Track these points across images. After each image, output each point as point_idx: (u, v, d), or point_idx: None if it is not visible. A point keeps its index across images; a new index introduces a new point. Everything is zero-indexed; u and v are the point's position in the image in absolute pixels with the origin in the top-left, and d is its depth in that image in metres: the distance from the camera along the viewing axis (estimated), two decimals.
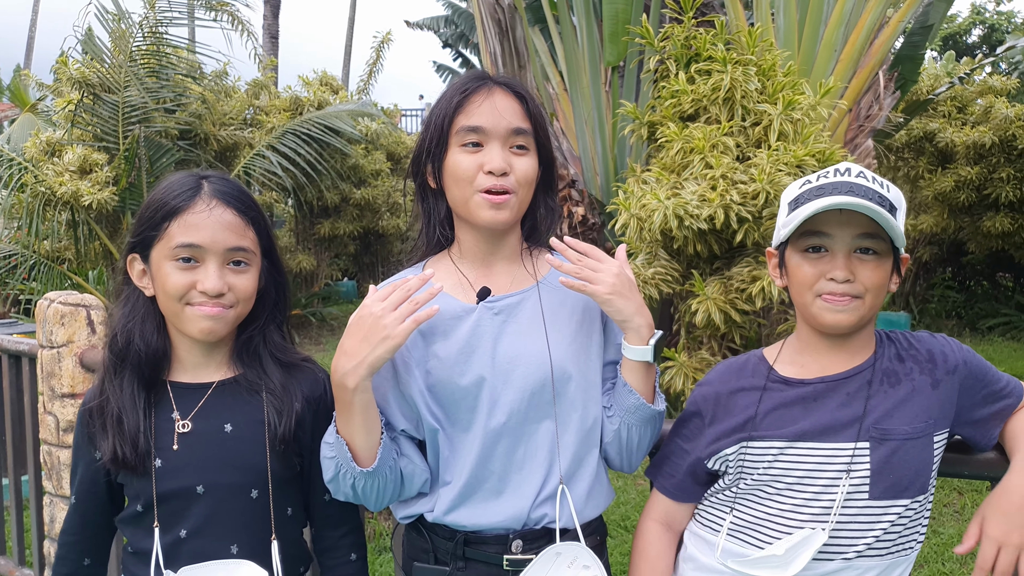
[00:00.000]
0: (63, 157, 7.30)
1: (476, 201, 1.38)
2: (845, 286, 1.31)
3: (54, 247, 7.79)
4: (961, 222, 9.92)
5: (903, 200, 1.37)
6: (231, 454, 1.43)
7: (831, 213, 1.31)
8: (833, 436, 1.35)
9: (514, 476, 1.41)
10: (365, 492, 1.39)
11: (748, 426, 1.40)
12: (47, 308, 2.87)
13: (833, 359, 1.41)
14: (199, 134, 8.71)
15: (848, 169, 1.36)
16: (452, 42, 15.01)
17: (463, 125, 1.37)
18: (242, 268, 1.42)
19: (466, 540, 1.42)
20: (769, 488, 1.38)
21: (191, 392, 1.46)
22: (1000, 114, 9.31)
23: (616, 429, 1.44)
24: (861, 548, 1.33)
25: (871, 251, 1.32)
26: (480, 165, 1.37)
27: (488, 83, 1.41)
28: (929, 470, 1.35)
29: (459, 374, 1.40)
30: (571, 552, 1.38)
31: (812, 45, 5.73)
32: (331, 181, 10.07)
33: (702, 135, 3.97)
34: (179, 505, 1.41)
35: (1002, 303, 10.49)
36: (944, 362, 1.38)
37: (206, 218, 1.38)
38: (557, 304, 1.47)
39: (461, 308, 1.44)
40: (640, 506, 4.56)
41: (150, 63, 7.71)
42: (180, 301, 1.39)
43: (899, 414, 1.35)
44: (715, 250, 4.16)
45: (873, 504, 1.33)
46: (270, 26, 17.11)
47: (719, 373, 1.52)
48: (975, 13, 23.12)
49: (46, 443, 2.98)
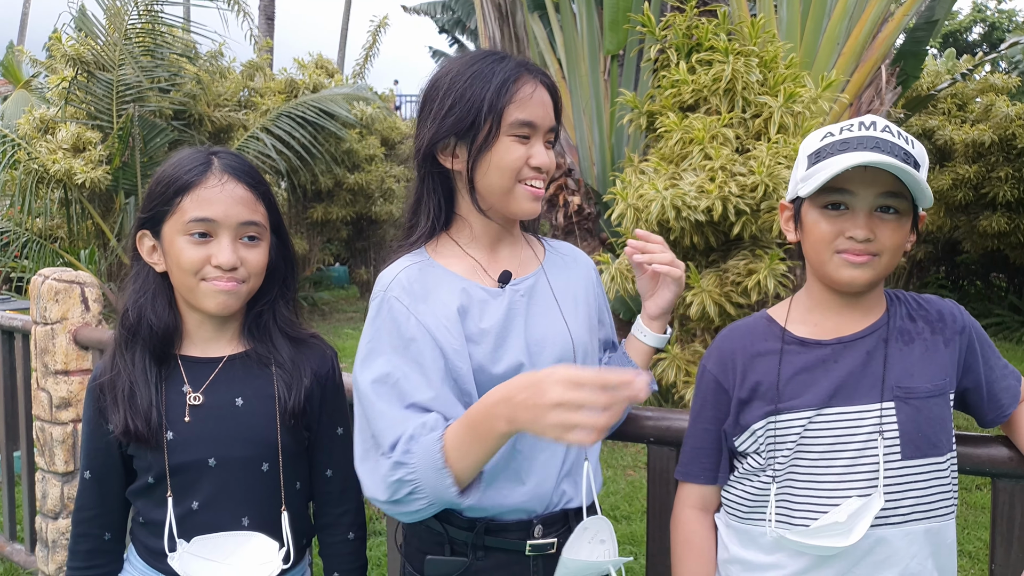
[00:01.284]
0: (56, 135, 7.24)
1: (519, 192, 1.38)
2: (865, 244, 1.28)
3: (47, 225, 7.74)
4: (957, 221, 9.92)
5: (926, 156, 1.33)
6: (242, 427, 1.44)
7: (855, 170, 1.26)
8: (858, 398, 1.32)
9: (540, 455, 1.39)
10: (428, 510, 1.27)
11: (772, 396, 1.37)
12: (41, 284, 2.84)
13: (847, 318, 1.38)
14: (193, 114, 8.65)
15: (874, 123, 1.31)
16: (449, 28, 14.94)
17: (517, 118, 1.36)
18: (254, 243, 1.43)
19: (487, 529, 1.39)
20: (804, 461, 1.35)
21: (202, 366, 1.47)
22: (1000, 112, 9.29)
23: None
24: (905, 511, 1.31)
25: (892, 210, 1.28)
26: (527, 158, 1.38)
27: (533, 75, 1.41)
28: (950, 426, 1.34)
29: (496, 359, 1.37)
30: (595, 526, 1.39)
31: (815, 38, 5.72)
32: (325, 165, 10.02)
33: (702, 126, 3.96)
34: (191, 477, 1.42)
35: (995, 303, 10.51)
36: (953, 322, 1.37)
37: (219, 192, 1.39)
38: (563, 285, 1.50)
39: (487, 292, 1.41)
40: (629, 496, 4.57)
41: (145, 42, 7.66)
42: (195, 276, 1.39)
43: (918, 372, 1.33)
44: (712, 242, 4.16)
45: (907, 464, 1.30)
46: (266, 7, 16.99)
47: (730, 338, 1.47)
48: (976, 11, 23.13)
49: (39, 419, 2.96)
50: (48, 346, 2.85)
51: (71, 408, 2.89)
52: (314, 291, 12.02)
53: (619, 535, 4.11)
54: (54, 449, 2.91)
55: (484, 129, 1.37)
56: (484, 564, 1.39)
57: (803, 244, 1.38)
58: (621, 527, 4.22)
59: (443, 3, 14.99)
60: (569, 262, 1.55)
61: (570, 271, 1.53)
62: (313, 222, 11.50)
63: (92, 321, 2.89)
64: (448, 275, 1.41)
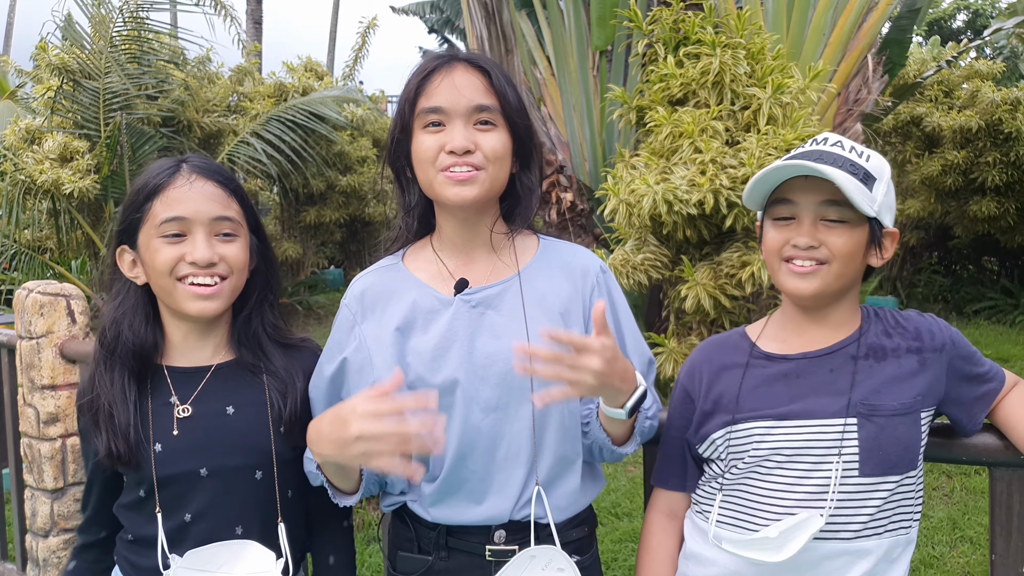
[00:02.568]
0: (43, 145, 7.19)
1: (440, 180, 1.33)
2: (809, 251, 1.32)
3: (35, 236, 7.69)
4: (948, 206, 9.95)
5: (886, 170, 1.35)
6: (234, 436, 1.43)
7: (797, 180, 1.32)
8: (819, 413, 1.34)
9: (496, 476, 1.38)
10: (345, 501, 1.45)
11: (731, 407, 1.39)
12: (26, 298, 2.81)
13: (815, 334, 1.40)
14: (182, 121, 8.60)
15: (826, 139, 1.37)
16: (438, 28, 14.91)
17: (423, 107, 1.33)
18: (230, 239, 1.42)
19: (449, 531, 1.40)
20: (759, 469, 1.37)
21: (189, 376, 1.46)
22: (986, 98, 9.31)
23: (589, 444, 1.44)
24: (856, 528, 1.32)
25: (837, 219, 1.31)
26: (442, 145, 1.32)
27: (448, 61, 1.36)
28: (918, 447, 1.34)
29: (433, 372, 1.36)
30: (546, 555, 1.36)
31: (801, 28, 5.70)
32: (316, 168, 9.97)
33: (691, 119, 3.94)
34: (182, 489, 1.41)
35: (988, 287, 10.54)
36: (931, 340, 1.37)
37: (188, 191, 1.38)
38: (541, 294, 1.42)
39: (438, 301, 1.40)
40: (630, 493, 4.56)
41: (131, 49, 7.61)
42: (171, 276, 1.38)
43: (886, 390, 1.33)
44: (704, 235, 4.14)
45: (864, 481, 1.31)
46: (253, 11, 16.92)
47: (701, 351, 1.52)
48: None
49: (26, 436, 2.93)
50: (34, 361, 2.82)
51: (59, 423, 2.86)
52: (309, 295, 11.99)
53: (621, 533, 4.09)
54: (43, 466, 2.87)
55: (400, 127, 1.37)
56: (447, 564, 1.40)
57: (764, 257, 1.42)
58: (623, 524, 4.20)
59: (432, 3, 14.96)
60: (560, 270, 1.46)
61: (554, 276, 1.44)
62: (306, 226, 11.45)
63: (79, 334, 2.85)
64: (409, 282, 1.42)
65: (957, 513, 4.30)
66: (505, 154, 1.36)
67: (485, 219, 1.42)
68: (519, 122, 1.38)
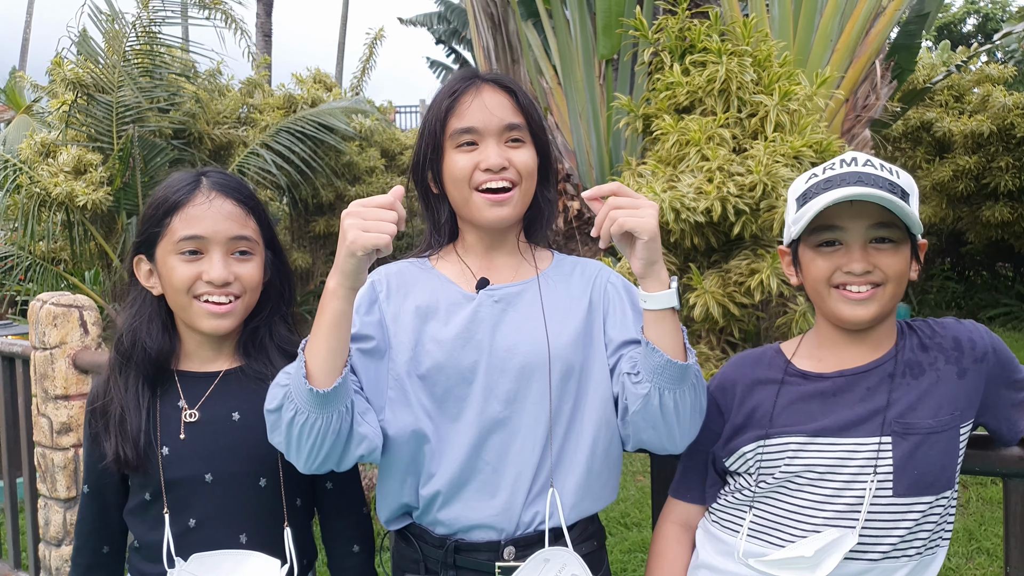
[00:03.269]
0: (57, 158, 7.26)
1: (476, 202, 1.39)
2: (865, 276, 1.29)
3: (50, 248, 7.76)
4: (960, 212, 9.91)
5: (914, 185, 1.33)
6: (239, 442, 1.45)
7: (842, 206, 1.27)
8: (854, 432, 1.31)
9: (510, 469, 1.38)
10: (302, 434, 1.26)
11: (765, 422, 1.38)
12: (39, 309, 2.84)
13: (853, 353, 1.37)
14: (193, 133, 8.67)
15: (855, 159, 1.33)
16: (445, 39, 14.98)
17: (455, 127, 1.38)
18: (246, 257, 1.44)
19: (457, 548, 1.39)
20: (790, 484, 1.35)
21: (198, 381, 1.48)
22: (998, 102, 9.28)
23: (647, 394, 1.29)
24: (886, 548, 1.30)
25: (887, 240, 1.29)
26: (476, 164, 1.37)
27: (475, 82, 1.40)
28: (955, 464, 1.31)
29: (453, 360, 1.39)
30: (560, 558, 1.35)
31: (808, 35, 5.71)
32: (326, 178, 10.03)
33: (698, 127, 3.95)
34: (187, 493, 1.42)
35: (1002, 293, 10.47)
36: (972, 350, 1.34)
37: (207, 209, 1.40)
38: (559, 297, 1.46)
39: (462, 296, 1.44)
40: (640, 503, 4.55)
41: (144, 63, 7.68)
42: (188, 294, 1.41)
43: (923, 407, 1.31)
44: (712, 243, 4.14)
45: (897, 502, 1.29)
46: (263, 24, 17.04)
47: (735, 365, 1.49)
48: (969, 2, 23.10)
49: (40, 445, 2.96)
50: (48, 371, 2.85)
51: (72, 433, 2.89)
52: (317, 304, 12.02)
53: (630, 543, 4.08)
54: (56, 475, 2.90)
55: (431, 147, 1.40)
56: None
57: (805, 286, 1.38)
58: (632, 534, 4.19)
59: (439, 14, 15.03)
60: (574, 274, 1.51)
61: (571, 283, 1.49)
62: (316, 235, 11.49)
63: (91, 344, 2.88)
64: (435, 276, 1.47)
65: (973, 524, 4.27)
66: (535, 169, 1.43)
67: (510, 231, 1.48)
68: (543, 138, 1.45)
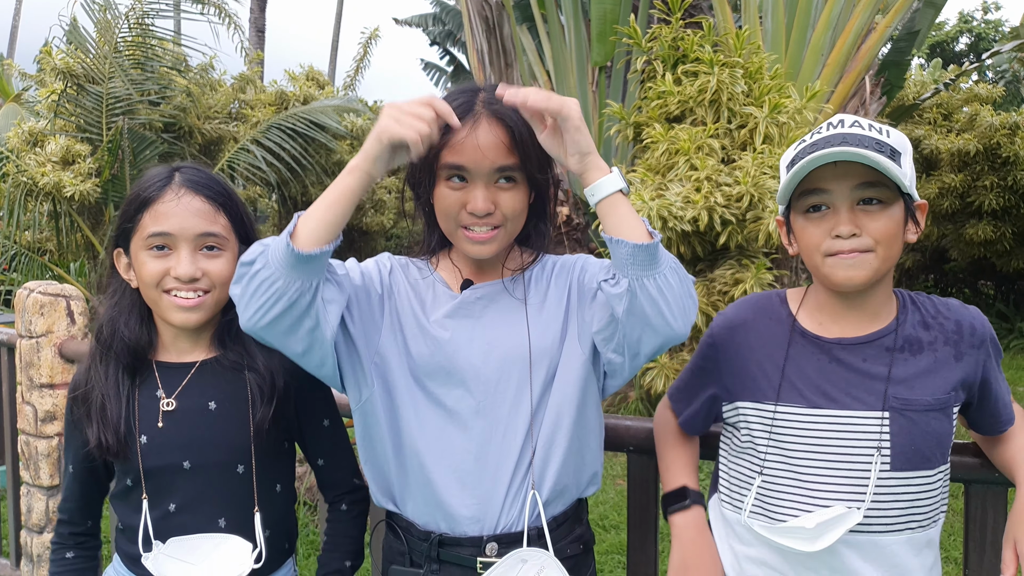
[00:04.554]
0: (45, 147, 7.23)
1: (459, 236, 1.39)
2: (852, 241, 1.25)
3: (35, 238, 7.72)
4: (944, 229, 10.00)
5: (907, 144, 1.30)
6: (215, 432, 1.47)
7: (827, 168, 1.25)
8: (852, 404, 1.31)
9: (490, 464, 1.40)
10: (260, 287, 1.23)
11: (767, 385, 1.38)
12: (27, 298, 2.84)
13: (852, 320, 1.36)
14: (183, 127, 8.65)
15: (842, 120, 1.31)
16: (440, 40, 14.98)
17: (447, 161, 1.34)
18: (215, 253, 1.46)
19: (440, 541, 1.41)
20: (786, 456, 1.36)
21: (175, 371, 1.51)
22: (985, 122, 9.38)
23: (628, 289, 1.24)
24: (887, 522, 1.31)
25: (875, 200, 1.26)
26: (463, 203, 1.35)
27: (474, 111, 1.34)
28: (949, 440, 1.32)
29: (433, 352, 1.41)
30: (538, 560, 1.36)
31: (799, 49, 5.76)
32: (316, 176, 10.02)
33: (687, 136, 3.99)
34: (166, 480, 1.46)
35: (983, 311, 10.56)
36: (972, 335, 1.33)
37: (175, 206, 1.43)
38: (542, 294, 1.48)
39: (447, 295, 1.46)
40: (618, 505, 4.57)
41: (135, 54, 7.66)
42: (157, 288, 1.43)
43: (920, 385, 1.30)
44: (699, 252, 4.18)
45: (896, 476, 1.30)
46: (257, 20, 17.01)
47: (740, 308, 1.47)
48: (963, 21, 23.34)
49: (24, 433, 2.95)
50: (33, 359, 2.84)
51: (56, 421, 2.89)
52: None
53: (608, 545, 4.10)
54: (39, 463, 2.90)
55: (423, 170, 1.39)
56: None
57: (801, 254, 1.36)
58: (610, 536, 4.22)
59: (434, 15, 15.03)
60: (556, 268, 1.51)
61: (553, 276, 1.50)
62: None
63: (77, 334, 2.88)
64: (432, 274, 1.50)
65: (942, 534, 4.33)
66: (523, 210, 1.41)
67: (497, 256, 1.47)
68: (538, 177, 1.40)
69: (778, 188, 1.42)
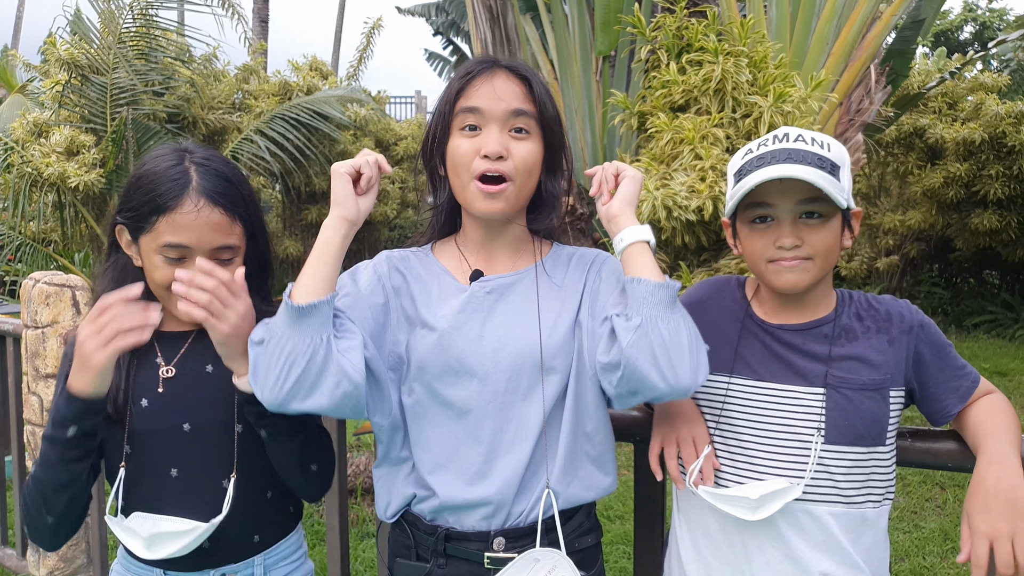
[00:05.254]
0: (50, 138, 7.23)
1: (472, 190, 1.37)
2: (795, 251, 1.36)
3: (40, 228, 7.74)
4: (949, 219, 9.97)
5: (846, 156, 1.39)
6: (213, 392, 1.50)
7: (772, 183, 1.33)
8: (796, 380, 1.41)
9: (500, 461, 1.39)
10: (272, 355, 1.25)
11: (720, 360, 1.46)
12: (32, 288, 2.85)
13: (792, 312, 1.46)
14: (187, 117, 8.64)
15: (787, 134, 1.38)
16: (443, 30, 14.93)
17: (462, 106, 1.36)
18: (228, 263, 1.46)
19: (447, 536, 1.40)
20: (739, 424, 1.44)
21: (174, 339, 1.54)
22: (990, 111, 9.34)
23: (639, 325, 1.23)
24: (820, 492, 1.38)
25: (816, 215, 1.35)
26: (477, 149, 1.35)
27: (491, 66, 1.39)
28: (886, 422, 1.39)
29: (442, 352, 1.39)
30: (550, 559, 1.35)
31: (804, 38, 5.74)
32: (319, 167, 10.00)
33: (692, 126, 3.97)
34: (166, 443, 1.47)
35: (988, 300, 10.56)
36: (900, 322, 1.42)
37: (194, 219, 1.41)
38: (554, 286, 1.45)
39: (454, 287, 1.44)
40: (623, 496, 4.58)
41: (139, 45, 7.65)
42: (166, 290, 1.44)
43: (856, 367, 1.39)
44: (703, 241, 4.17)
45: (828, 448, 1.37)
46: (260, 10, 16.97)
47: (701, 288, 1.58)
48: (967, 10, 23.21)
49: (30, 423, 2.97)
50: (39, 349, 2.86)
51: None
52: None
53: (613, 535, 4.11)
54: None
55: (439, 126, 1.40)
56: (445, 572, 1.40)
57: (745, 257, 1.45)
58: (615, 527, 4.23)
59: (437, 5, 14.98)
60: (571, 263, 1.50)
61: (568, 272, 1.48)
62: (308, 224, 11.47)
63: None
64: (433, 265, 1.48)
65: (949, 525, 4.33)
66: (535, 165, 1.39)
67: (509, 224, 1.46)
68: (554, 130, 1.41)
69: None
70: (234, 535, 1.50)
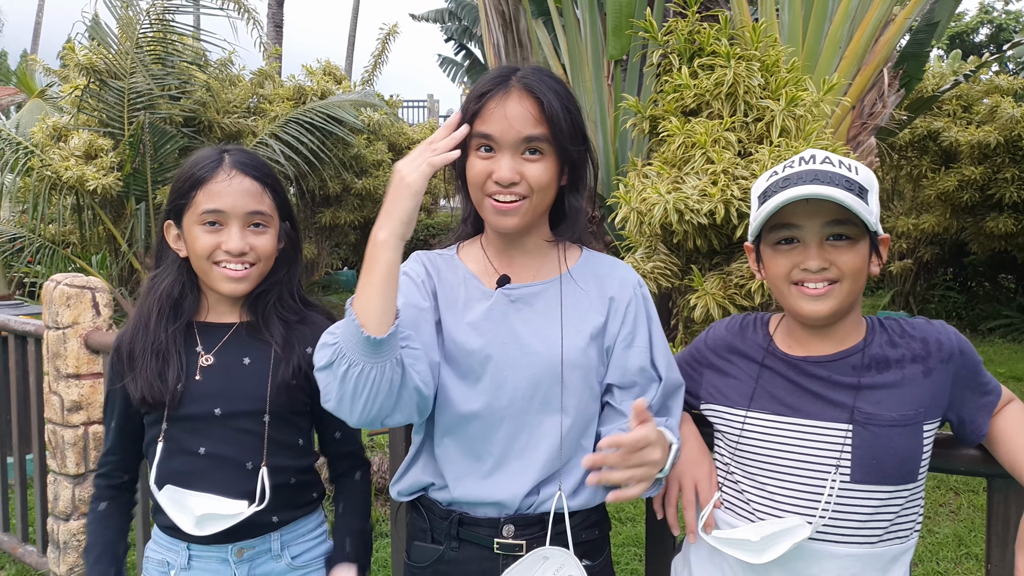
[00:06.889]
0: (69, 142, 7.31)
1: (486, 206, 1.42)
2: (821, 273, 1.32)
3: (59, 231, 7.82)
4: (964, 222, 9.91)
5: (874, 180, 1.35)
6: (248, 383, 1.62)
7: (798, 204, 1.30)
8: (818, 414, 1.36)
9: (514, 463, 1.42)
10: (358, 385, 1.26)
11: (740, 394, 1.44)
12: (53, 290, 2.90)
13: (818, 344, 1.41)
14: (203, 121, 8.71)
15: (813, 156, 1.35)
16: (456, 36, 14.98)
17: (476, 130, 1.39)
18: (261, 230, 1.61)
19: (460, 520, 1.45)
20: (755, 459, 1.41)
21: (215, 330, 1.67)
22: (1006, 114, 9.27)
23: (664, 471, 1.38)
24: (844, 533, 1.33)
25: (844, 237, 1.32)
26: (490, 173, 1.39)
27: (506, 85, 1.39)
28: (918, 459, 1.33)
29: (470, 351, 1.43)
30: (559, 558, 1.38)
31: (816, 41, 5.73)
32: (333, 170, 10.06)
33: (704, 130, 3.98)
34: (198, 426, 1.60)
35: (1003, 305, 10.48)
36: (939, 350, 1.37)
37: (227, 186, 1.57)
38: (579, 298, 1.48)
39: (480, 292, 1.48)
40: None
41: (156, 50, 7.72)
42: (208, 260, 1.58)
43: (886, 401, 1.33)
44: (715, 245, 4.18)
45: (855, 488, 1.32)
46: (275, 15, 17.08)
47: (728, 326, 1.56)
48: (983, 12, 23.06)
49: (51, 422, 3.02)
50: (60, 350, 2.90)
51: (82, 411, 2.94)
52: (322, 295, 12.08)
53: (624, 537, 4.13)
54: (65, 452, 2.96)
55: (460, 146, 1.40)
56: (458, 555, 1.45)
57: (767, 281, 1.42)
58: (626, 528, 4.24)
59: (450, 11, 15.03)
60: (599, 274, 1.51)
61: (595, 284, 1.49)
62: (321, 227, 11.53)
63: (103, 325, 2.94)
64: (459, 267, 1.52)
65: (963, 530, 4.31)
66: (550, 183, 1.41)
67: (528, 234, 1.49)
68: (570, 148, 1.41)
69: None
70: (255, 515, 1.59)
